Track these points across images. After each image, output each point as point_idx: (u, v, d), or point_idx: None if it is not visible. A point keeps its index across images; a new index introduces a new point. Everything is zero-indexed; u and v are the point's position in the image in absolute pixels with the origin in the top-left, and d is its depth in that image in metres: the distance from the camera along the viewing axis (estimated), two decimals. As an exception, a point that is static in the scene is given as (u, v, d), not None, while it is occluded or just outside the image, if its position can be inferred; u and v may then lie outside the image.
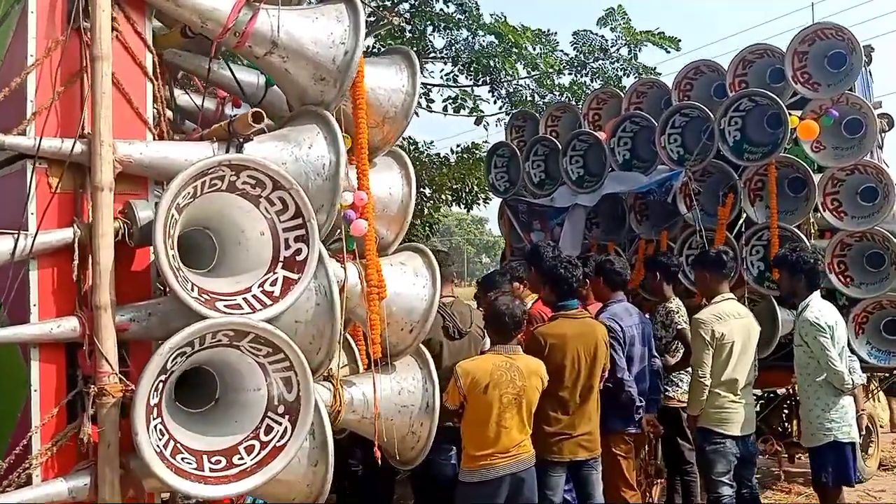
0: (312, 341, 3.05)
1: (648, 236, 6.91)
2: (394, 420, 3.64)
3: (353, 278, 3.58)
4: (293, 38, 3.17)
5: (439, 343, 4.66)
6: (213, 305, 2.75)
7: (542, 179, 7.73)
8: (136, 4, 2.99)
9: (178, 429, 2.78)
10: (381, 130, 3.88)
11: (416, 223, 10.12)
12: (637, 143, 7.00)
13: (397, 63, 3.93)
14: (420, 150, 10.51)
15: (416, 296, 3.73)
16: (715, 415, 4.84)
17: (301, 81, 3.27)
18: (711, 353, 4.79)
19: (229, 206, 2.98)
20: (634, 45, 7.70)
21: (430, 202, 10.41)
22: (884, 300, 5.99)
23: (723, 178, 6.39)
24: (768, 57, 6.40)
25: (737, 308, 4.98)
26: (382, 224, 3.89)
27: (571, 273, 4.55)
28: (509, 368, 4.04)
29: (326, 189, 3.13)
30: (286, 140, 3.17)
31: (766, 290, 6.14)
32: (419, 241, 10.93)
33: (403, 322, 3.71)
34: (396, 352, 3.75)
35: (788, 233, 6.01)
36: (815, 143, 6.13)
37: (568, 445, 4.39)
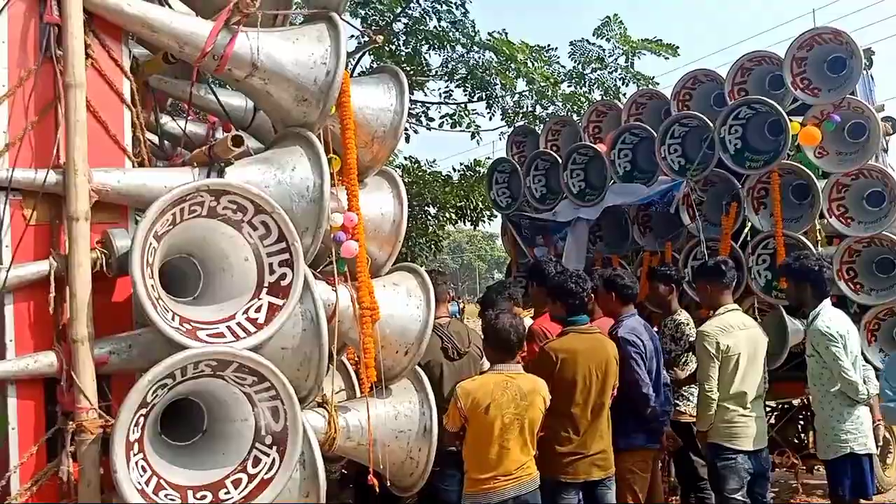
0: (300, 368, 2.95)
1: (652, 248, 6.79)
2: (391, 445, 3.53)
3: (344, 301, 3.49)
4: (273, 59, 3.09)
5: (439, 365, 4.56)
6: (195, 335, 2.65)
7: (543, 194, 7.64)
8: (112, 31, 2.92)
9: (161, 464, 2.67)
10: (370, 150, 3.81)
11: (420, 241, 10.06)
12: (637, 154, 6.90)
13: (385, 82, 3.86)
14: (423, 169, 10.45)
15: (410, 317, 3.63)
16: (725, 429, 4.68)
17: (283, 103, 3.19)
18: (717, 366, 4.65)
19: (212, 232, 2.90)
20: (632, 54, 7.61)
21: (434, 220, 10.33)
22: (895, 306, 5.82)
23: (725, 187, 6.27)
24: (767, 64, 6.30)
25: (742, 319, 4.84)
26: (374, 245, 3.80)
27: (582, 287, 4.45)
28: (509, 388, 3.92)
29: (311, 211, 3.04)
30: (269, 163, 3.09)
31: (774, 299, 5.99)
32: (424, 260, 10.93)
33: (398, 344, 3.60)
34: (392, 375, 3.64)
35: (794, 240, 5.88)
36: (819, 149, 6.01)
37: (582, 465, 4.25)
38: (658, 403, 4.78)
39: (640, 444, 4.64)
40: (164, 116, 3.84)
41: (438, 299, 4.84)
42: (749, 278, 6.01)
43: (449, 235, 11.92)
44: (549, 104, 8.43)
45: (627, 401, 4.49)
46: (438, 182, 9.93)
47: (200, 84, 3.67)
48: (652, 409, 4.60)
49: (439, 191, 9.76)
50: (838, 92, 5.90)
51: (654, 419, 4.68)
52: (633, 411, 4.55)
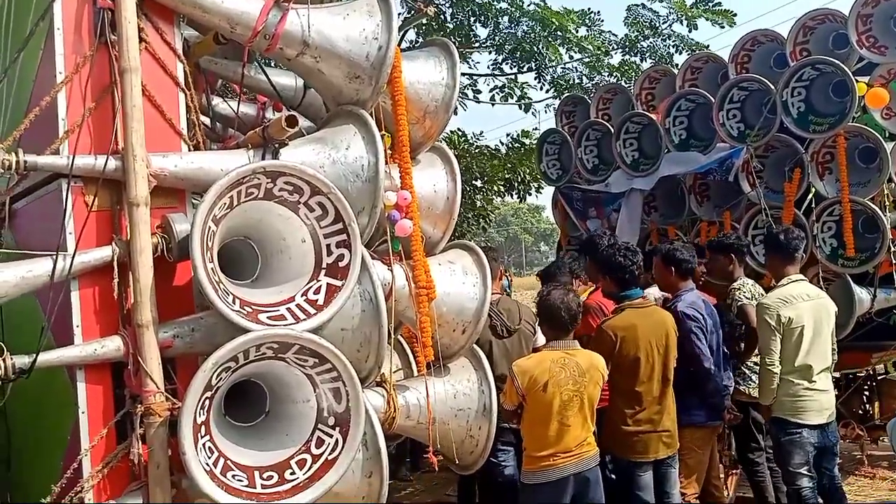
0: (360, 349, 2.93)
1: (710, 218, 6.58)
2: (450, 424, 3.50)
3: (400, 280, 3.45)
4: (325, 37, 3.03)
5: (488, 343, 4.49)
6: (256, 318, 2.64)
7: (595, 165, 7.45)
8: (164, 14, 2.90)
9: (228, 445, 2.69)
10: (422, 126, 3.73)
11: (468, 216, 9.95)
12: (693, 121, 6.66)
13: (436, 55, 3.77)
14: (469, 143, 10.32)
15: (466, 295, 3.57)
16: (789, 403, 4.52)
17: (335, 81, 3.13)
18: (779, 339, 4.48)
19: (269, 214, 2.87)
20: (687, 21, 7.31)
21: (480, 194, 10.21)
22: (970, 272, 5.55)
23: (788, 152, 6.01)
24: (830, 22, 5.99)
25: (806, 289, 4.65)
26: (429, 222, 3.74)
27: (631, 260, 4.32)
28: (567, 365, 3.85)
29: (366, 191, 2.99)
30: (323, 143, 3.04)
31: (840, 267, 5.76)
32: (473, 235, 10.84)
33: (455, 322, 3.56)
34: (449, 353, 3.61)
35: (861, 206, 5.62)
36: (886, 110, 5.71)
37: (652, 443, 4.18)
38: (720, 378, 4.68)
39: (701, 422, 4.54)
40: (214, 98, 3.82)
41: (492, 276, 4.80)
42: (813, 246, 5.78)
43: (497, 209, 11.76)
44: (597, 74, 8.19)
45: (688, 377, 4.39)
46: (485, 156, 9.79)
47: (250, 64, 3.63)
48: (714, 384, 4.49)
49: (487, 164, 9.63)
50: (907, 49, 5.60)
51: (716, 394, 4.57)
52: (694, 387, 4.44)
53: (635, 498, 4.13)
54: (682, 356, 4.35)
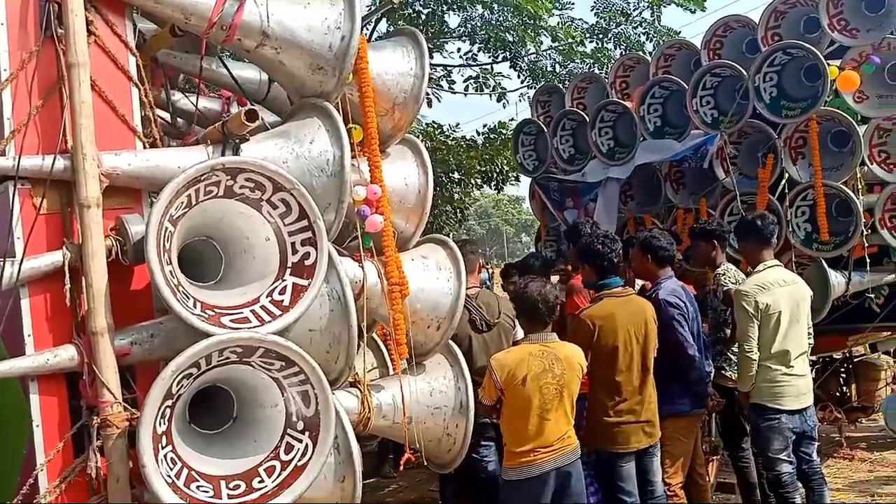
0: (330, 349, 2.79)
1: (686, 205, 6.50)
2: (426, 423, 3.39)
3: (372, 277, 3.32)
4: (285, 26, 2.88)
5: (467, 337, 4.39)
6: (219, 321, 2.50)
7: (571, 155, 7.34)
8: (114, 6, 2.73)
9: (192, 454, 2.55)
10: (391, 118, 3.60)
11: (446, 209, 9.82)
12: (668, 108, 6.56)
13: (403, 45, 3.64)
14: (446, 134, 10.17)
15: (440, 290, 3.45)
16: (767, 389, 4.47)
17: (298, 73, 2.98)
18: (757, 325, 4.42)
19: (230, 212, 2.73)
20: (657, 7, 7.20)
21: (459, 187, 10.08)
22: (943, 255, 5.52)
23: (761, 138, 5.94)
24: (802, 6, 5.91)
25: (782, 275, 4.58)
26: (400, 216, 3.61)
27: (610, 248, 4.22)
28: (546, 357, 3.75)
29: (332, 186, 2.85)
30: (286, 137, 2.90)
31: (814, 252, 5.70)
32: (451, 227, 10.72)
33: (430, 319, 3.44)
34: (425, 351, 3.49)
35: (835, 190, 5.57)
36: (858, 94, 5.65)
37: (633, 433, 4.10)
38: (702, 365, 4.62)
39: (685, 410, 4.47)
40: (176, 93, 3.65)
41: (468, 269, 4.67)
42: (788, 231, 5.72)
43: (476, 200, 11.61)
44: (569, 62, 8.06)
45: (670, 365, 4.30)
46: (461, 147, 9.65)
47: (211, 57, 3.47)
48: (698, 371, 4.42)
49: (463, 156, 9.49)
50: (877, 32, 5.53)
51: (700, 382, 4.51)
52: (677, 375, 4.37)
53: (617, 489, 4.05)
54: (664, 344, 4.27)
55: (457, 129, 10.24)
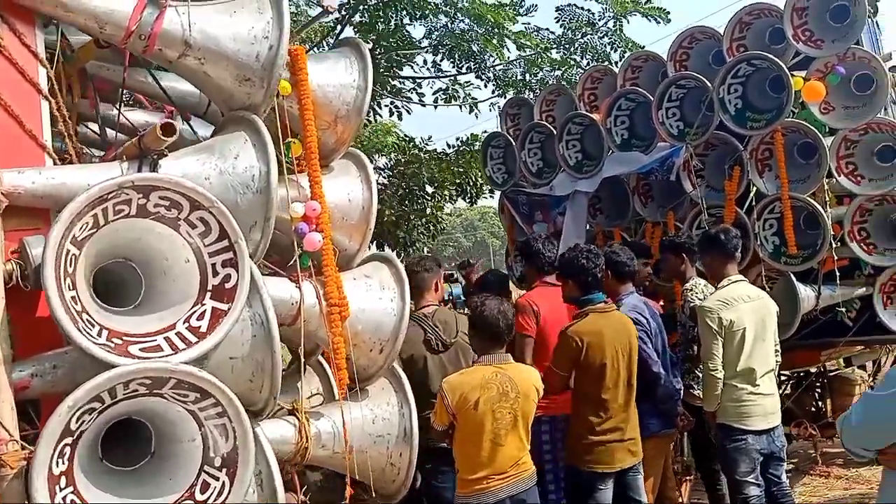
0: (253, 378, 2.61)
1: (655, 218, 6.38)
2: (369, 452, 3.20)
3: (310, 298, 3.14)
4: (208, 36, 2.72)
5: (422, 358, 4.22)
6: (126, 350, 2.31)
7: (540, 168, 7.20)
8: (22, 15, 2.56)
9: (99, 495, 2.35)
10: (333, 131, 3.44)
11: (417, 223, 9.66)
12: (635, 121, 6.45)
13: (347, 56, 3.48)
14: (419, 147, 10.01)
15: (383, 310, 3.28)
16: (733, 409, 4.32)
17: (224, 84, 2.82)
18: (721, 343, 4.28)
19: (149, 232, 2.55)
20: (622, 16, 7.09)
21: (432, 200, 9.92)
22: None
23: (727, 150, 5.83)
24: (766, 17, 5.82)
25: (746, 290, 4.45)
26: (343, 234, 3.44)
27: (594, 263, 4.09)
28: (500, 380, 3.58)
29: (258, 203, 2.68)
30: (210, 152, 2.73)
31: (782, 265, 5.58)
32: (422, 243, 10.56)
33: (371, 342, 3.26)
34: (368, 375, 3.31)
35: (802, 202, 5.45)
36: (824, 105, 5.54)
37: (618, 453, 3.95)
38: (669, 383, 4.49)
39: (655, 430, 4.34)
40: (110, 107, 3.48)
41: (423, 287, 4.49)
42: (756, 245, 5.60)
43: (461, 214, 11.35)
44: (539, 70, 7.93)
45: (638, 383, 4.16)
46: (434, 160, 9.50)
47: (142, 69, 3.30)
48: (665, 388, 4.30)
49: (436, 169, 9.34)
50: (842, 42, 5.43)
51: (668, 399, 4.38)
52: (646, 394, 4.23)
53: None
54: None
55: (429, 142, 10.12)
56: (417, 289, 4.48)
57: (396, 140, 10.31)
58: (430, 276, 4.51)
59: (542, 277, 4.46)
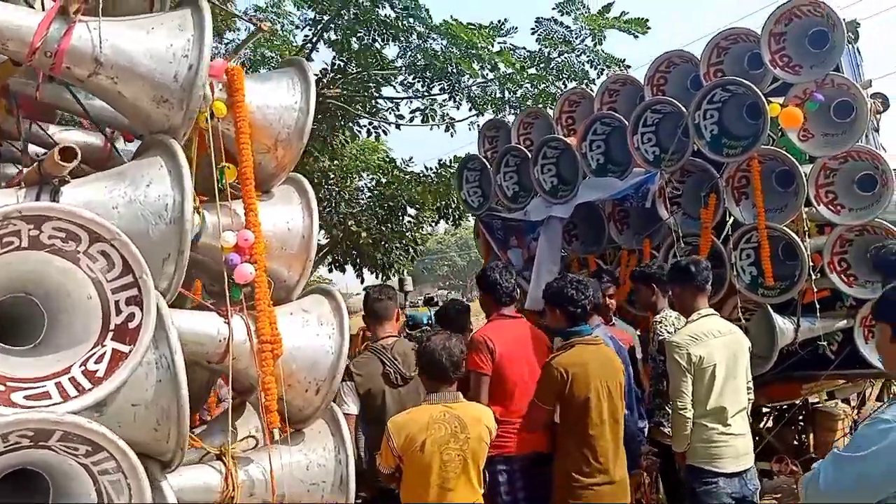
0: (158, 427, 2.37)
1: (630, 246, 6.17)
2: (302, 500, 2.95)
3: (240, 334, 2.91)
4: (122, 53, 2.51)
5: (381, 392, 4.00)
6: (7, 398, 2.08)
7: (515, 192, 7.01)
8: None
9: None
10: (273, 156, 3.23)
11: (396, 246, 9.45)
12: (611, 145, 6.27)
13: (290, 77, 3.28)
14: (399, 168, 9.81)
15: (320, 348, 3.04)
16: (703, 450, 4.09)
17: (141, 105, 2.61)
18: (691, 380, 4.06)
19: (49, 265, 2.32)
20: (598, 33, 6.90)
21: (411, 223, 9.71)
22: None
23: (704, 177, 5.65)
24: (744, 41, 5.66)
25: (717, 325, 4.23)
26: (282, 264, 3.22)
27: (584, 293, 3.89)
28: (448, 420, 3.38)
29: (171, 234, 2.46)
30: (120, 178, 2.51)
31: (760, 297, 5.37)
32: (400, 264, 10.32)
33: (307, 382, 3.02)
34: (303, 417, 3.06)
35: (779, 232, 5.25)
36: (802, 132, 5.37)
37: (608, 495, 3.74)
38: (633, 421, 4.27)
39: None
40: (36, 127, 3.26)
41: (385, 316, 4.29)
42: (732, 275, 5.39)
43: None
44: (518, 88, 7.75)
45: None
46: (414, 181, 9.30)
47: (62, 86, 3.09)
48: (628, 428, 4.06)
49: (414, 191, 9.13)
50: (821, 68, 5.26)
51: (631, 440, 4.15)
52: None
53: None
54: None
55: (410, 163, 9.93)
56: (378, 318, 4.28)
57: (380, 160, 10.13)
58: (393, 304, 4.33)
59: (499, 309, 4.24)
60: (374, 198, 9.38)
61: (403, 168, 9.98)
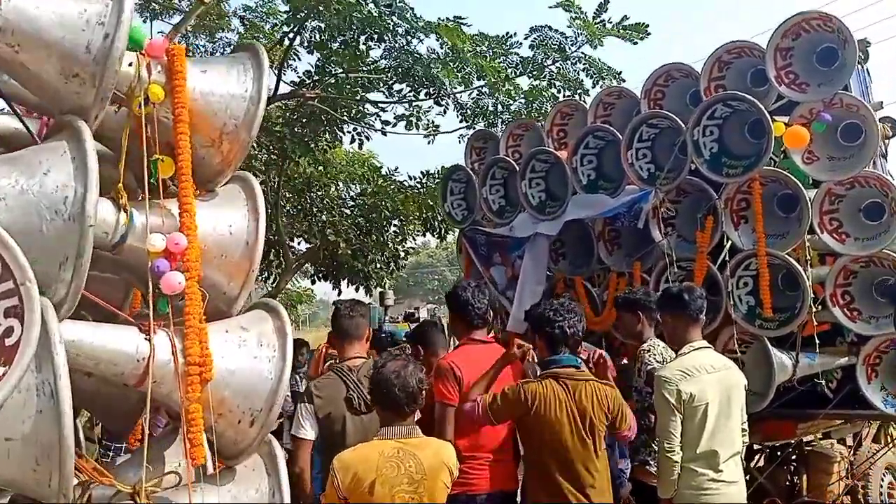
0: (38, 467, 1.96)
1: (620, 268, 5.77)
2: (226, 551, 2.54)
3: (163, 353, 2.51)
4: (26, 17, 2.12)
5: (342, 418, 3.59)
6: None
7: (502, 206, 6.61)
8: None
9: None
10: (218, 150, 2.85)
11: (377, 258, 9.04)
12: (603, 160, 5.88)
13: (241, 63, 2.90)
14: (384, 177, 9.40)
15: (258, 373, 2.64)
16: (692, 497, 3.69)
17: (48, 79, 2.22)
18: (680, 419, 3.66)
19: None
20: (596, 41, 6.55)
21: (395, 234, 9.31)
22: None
23: (701, 198, 5.27)
24: (748, 56, 5.31)
25: (710, 359, 3.84)
26: (222, 274, 2.82)
27: (563, 316, 3.51)
28: (402, 459, 2.96)
29: (69, 232, 2.06)
30: (13, 164, 2.11)
31: (757, 329, 4.97)
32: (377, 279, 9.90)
33: (241, 411, 2.61)
34: (235, 452, 2.65)
35: (780, 260, 4.87)
36: (807, 154, 5.00)
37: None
38: (613, 460, 3.86)
39: None
40: None
41: (356, 335, 3.90)
42: (728, 305, 5.00)
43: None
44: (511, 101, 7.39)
45: None
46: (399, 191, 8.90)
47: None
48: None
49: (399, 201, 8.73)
50: (829, 87, 4.90)
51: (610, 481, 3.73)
52: None
53: None
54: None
55: (396, 172, 9.52)
56: (348, 336, 3.89)
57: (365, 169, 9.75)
58: (365, 322, 3.95)
59: (470, 333, 3.83)
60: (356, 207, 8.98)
61: (388, 177, 9.59)
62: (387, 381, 2.96)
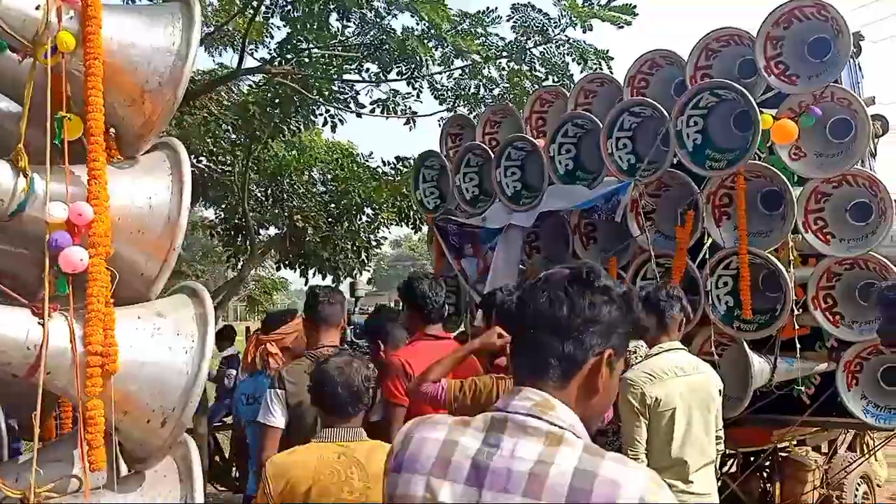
0: None
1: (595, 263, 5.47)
2: (128, 569, 2.21)
3: (59, 340, 2.16)
4: None
5: (312, 412, 3.28)
6: None
7: (475, 195, 6.28)
8: None
9: None
10: (139, 110, 2.50)
11: (346, 246, 8.67)
12: (582, 150, 5.58)
13: (170, 12, 2.55)
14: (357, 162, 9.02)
15: (172, 367, 2.29)
16: (660, 511, 3.39)
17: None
18: (645, 426, 3.37)
19: None
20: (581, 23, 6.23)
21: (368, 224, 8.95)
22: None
23: (682, 191, 4.99)
24: (737, 44, 5.02)
25: (679, 361, 3.56)
26: (140, 251, 2.47)
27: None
28: (344, 463, 2.65)
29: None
30: None
31: (735, 331, 4.70)
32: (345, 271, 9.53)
33: (150, 409, 2.27)
34: (143, 454, 2.31)
35: (762, 260, 4.60)
36: (794, 150, 4.73)
37: None
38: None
39: None
40: None
41: (332, 322, 3.60)
42: (706, 304, 4.73)
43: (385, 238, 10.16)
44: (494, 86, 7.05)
45: None
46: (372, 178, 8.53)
47: None
48: None
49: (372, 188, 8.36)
50: (820, 79, 4.63)
51: None
52: None
53: None
54: None
55: (370, 158, 9.14)
56: (325, 322, 3.60)
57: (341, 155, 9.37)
58: (341, 310, 3.65)
59: (424, 328, 3.51)
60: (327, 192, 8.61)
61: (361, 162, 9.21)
62: (329, 378, 2.65)
